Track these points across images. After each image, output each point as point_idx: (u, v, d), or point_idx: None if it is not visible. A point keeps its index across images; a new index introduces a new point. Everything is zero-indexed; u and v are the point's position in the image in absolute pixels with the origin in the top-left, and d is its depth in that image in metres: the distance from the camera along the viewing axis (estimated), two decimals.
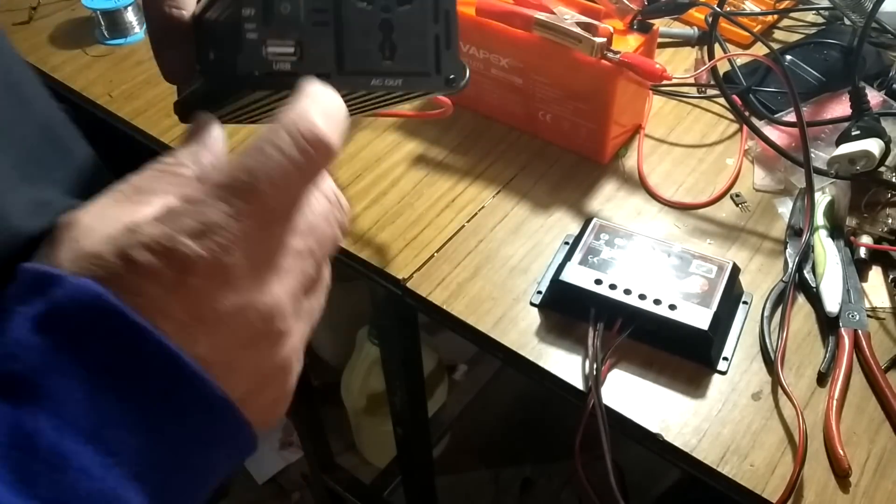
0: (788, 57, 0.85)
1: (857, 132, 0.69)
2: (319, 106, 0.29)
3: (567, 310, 0.64)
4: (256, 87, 0.32)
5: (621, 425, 0.58)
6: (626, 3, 0.72)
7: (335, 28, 0.33)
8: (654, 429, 0.57)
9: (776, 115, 0.78)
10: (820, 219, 0.69)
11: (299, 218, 0.29)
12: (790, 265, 0.66)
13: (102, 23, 0.93)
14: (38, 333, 0.24)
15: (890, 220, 0.69)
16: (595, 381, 0.58)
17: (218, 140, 0.31)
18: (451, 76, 0.36)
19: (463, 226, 0.71)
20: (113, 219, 0.27)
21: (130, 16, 0.93)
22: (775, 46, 0.85)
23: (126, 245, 0.25)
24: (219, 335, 0.27)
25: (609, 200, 0.74)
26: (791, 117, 0.76)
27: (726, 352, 0.61)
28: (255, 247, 0.27)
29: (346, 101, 0.37)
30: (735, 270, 0.64)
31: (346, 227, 0.32)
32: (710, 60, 0.75)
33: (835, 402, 0.57)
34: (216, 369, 0.27)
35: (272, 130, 0.28)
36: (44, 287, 0.25)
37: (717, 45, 0.81)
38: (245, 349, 0.28)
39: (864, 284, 0.65)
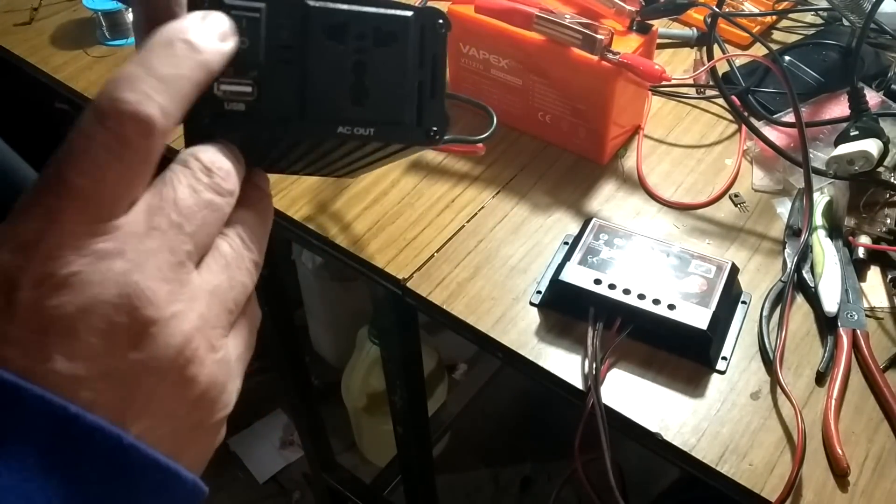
0: (787, 57, 0.85)
1: (856, 132, 0.69)
2: (144, 71, 0.25)
3: (566, 309, 0.64)
4: (205, 129, 0.29)
5: (621, 424, 0.58)
6: (623, 4, 0.72)
7: (300, 67, 0.29)
8: (653, 428, 0.57)
9: (775, 116, 0.78)
10: (818, 219, 0.69)
11: (150, 196, 0.26)
12: (789, 265, 0.66)
13: (104, 24, 0.93)
14: None
15: (888, 221, 0.69)
16: (594, 380, 0.59)
17: None
18: (434, 129, 0.32)
19: (463, 226, 0.72)
20: None
21: (132, 17, 0.94)
22: (774, 47, 0.86)
23: None
24: (75, 342, 0.24)
25: (608, 200, 0.74)
26: (790, 118, 0.77)
27: (725, 351, 0.61)
28: (86, 242, 0.24)
29: (316, 153, 0.33)
30: (734, 270, 0.64)
31: (222, 188, 0.28)
32: (709, 61, 0.75)
33: (833, 401, 0.58)
34: (92, 385, 0.24)
35: (83, 113, 0.25)
36: None
37: (715, 46, 0.81)
38: (116, 350, 0.25)
39: (862, 284, 0.66)
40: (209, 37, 0.27)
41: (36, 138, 0.72)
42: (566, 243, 0.69)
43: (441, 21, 0.32)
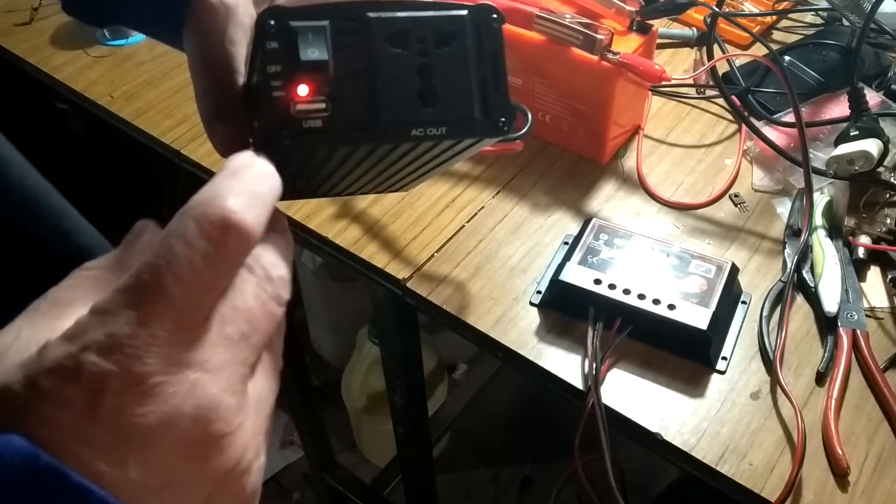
0: (787, 57, 0.85)
1: (856, 132, 0.69)
2: (239, 184, 0.26)
3: (566, 309, 0.64)
4: (286, 150, 0.30)
5: (621, 424, 0.58)
6: (623, 4, 0.72)
7: (368, 78, 0.30)
8: (653, 428, 0.57)
9: (775, 116, 0.78)
10: (818, 219, 0.69)
11: (222, 304, 0.27)
12: (789, 265, 0.66)
13: None
14: None
15: (888, 221, 0.69)
16: (594, 380, 0.59)
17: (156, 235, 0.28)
18: (502, 119, 0.33)
19: (463, 226, 0.72)
20: (27, 340, 0.25)
21: None
22: (774, 47, 0.86)
23: (33, 373, 0.24)
24: (152, 452, 0.24)
25: (608, 200, 0.74)
26: (790, 118, 0.77)
27: (725, 351, 0.61)
28: (172, 350, 0.25)
29: (385, 163, 0.34)
30: (734, 270, 0.64)
31: (281, 298, 0.29)
32: (709, 61, 0.75)
33: (833, 401, 0.58)
34: (157, 493, 0.25)
35: (178, 218, 0.25)
36: None
37: (715, 46, 0.81)
38: (186, 461, 0.25)
39: (862, 284, 0.66)
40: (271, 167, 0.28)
41: (36, 138, 0.72)
42: (566, 243, 0.69)
43: (495, 16, 0.33)
